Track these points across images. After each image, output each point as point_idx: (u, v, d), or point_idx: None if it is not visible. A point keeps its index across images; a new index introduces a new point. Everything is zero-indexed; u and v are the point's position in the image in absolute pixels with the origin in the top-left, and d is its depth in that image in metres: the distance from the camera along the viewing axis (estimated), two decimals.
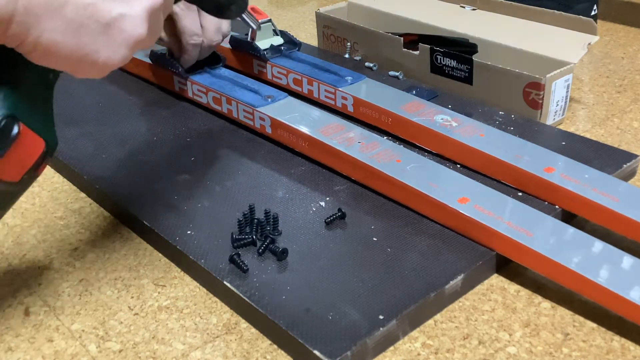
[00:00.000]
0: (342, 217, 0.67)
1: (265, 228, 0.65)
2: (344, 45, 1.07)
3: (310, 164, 0.77)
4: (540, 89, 0.84)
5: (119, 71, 1.03)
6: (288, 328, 0.54)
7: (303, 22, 1.37)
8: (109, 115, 0.91)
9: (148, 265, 0.66)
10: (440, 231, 0.65)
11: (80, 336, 0.58)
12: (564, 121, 0.91)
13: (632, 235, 0.64)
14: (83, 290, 0.63)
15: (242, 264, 0.60)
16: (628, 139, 0.86)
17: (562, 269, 0.58)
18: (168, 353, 0.56)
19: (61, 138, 0.85)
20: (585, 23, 0.92)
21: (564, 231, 0.62)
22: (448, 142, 0.76)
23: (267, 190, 0.73)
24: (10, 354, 0.56)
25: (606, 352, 0.54)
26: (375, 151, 0.73)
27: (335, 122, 0.79)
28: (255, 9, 0.96)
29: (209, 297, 0.62)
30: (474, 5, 1.06)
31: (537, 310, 0.59)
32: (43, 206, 0.76)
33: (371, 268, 0.61)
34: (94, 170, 0.77)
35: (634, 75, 1.06)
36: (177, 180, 0.75)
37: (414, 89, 0.91)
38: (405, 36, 1.01)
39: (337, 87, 0.86)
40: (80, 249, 0.68)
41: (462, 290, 0.60)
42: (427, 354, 0.55)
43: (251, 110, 0.82)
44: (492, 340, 0.56)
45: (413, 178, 0.69)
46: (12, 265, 0.67)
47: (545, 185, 0.69)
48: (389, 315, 0.55)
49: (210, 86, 0.87)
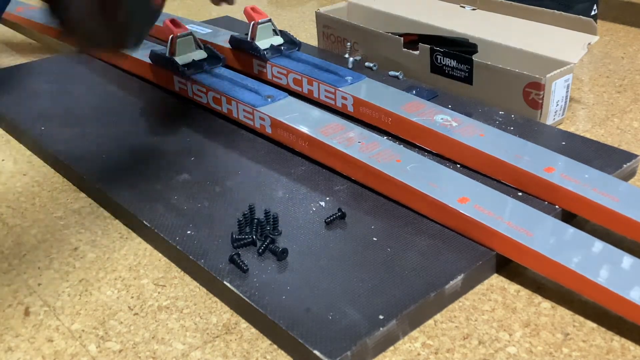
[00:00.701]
0: (342, 217, 0.67)
1: (265, 228, 0.65)
2: (344, 45, 1.07)
3: (310, 164, 0.77)
4: (540, 88, 0.84)
5: (119, 71, 1.03)
6: (288, 328, 0.54)
7: (303, 22, 1.37)
8: (109, 115, 0.91)
9: (148, 265, 0.66)
10: (440, 231, 0.65)
11: (80, 336, 0.58)
12: (564, 121, 0.91)
13: (632, 235, 0.64)
14: (83, 290, 0.63)
15: (242, 264, 0.60)
16: (628, 139, 0.86)
17: (562, 269, 0.58)
18: (168, 353, 0.56)
19: (61, 138, 0.86)
20: (585, 23, 0.92)
21: (564, 231, 0.62)
22: (448, 142, 0.76)
23: (267, 190, 0.73)
24: (10, 354, 0.56)
25: (606, 352, 0.54)
26: (375, 151, 0.73)
27: (335, 122, 0.79)
28: (255, 8, 0.96)
29: (209, 297, 0.62)
30: (474, 5, 1.06)
31: (537, 310, 0.59)
32: (43, 206, 0.76)
33: (371, 268, 0.61)
34: (94, 170, 0.77)
35: (634, 75, 1.06)
36: (177, 180, 0.75)
37: (414, 89, 0.91)
38: (405, 36, 1.01)
39: (337, 87, 0.86)
40: (80, 249, 0.68)
41: (462, 290, 0.60)
42: (427, 354, 0.55)
43: (251, 110, 0.82)
44: (492, 340, 0.56)
45: (413, 178, 0.69)
46: (12, 265, 0.67)
47: (545, 185, 0.69)
48: (389, 315, 0.55)
49: (210, 86, 0.87)
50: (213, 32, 1.07)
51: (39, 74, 1.05)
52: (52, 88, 1.00)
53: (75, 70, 1.06)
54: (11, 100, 0.96)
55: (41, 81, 1.02)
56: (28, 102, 0.96)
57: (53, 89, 0.99)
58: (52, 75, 1.04)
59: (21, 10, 1.28)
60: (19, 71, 1.07)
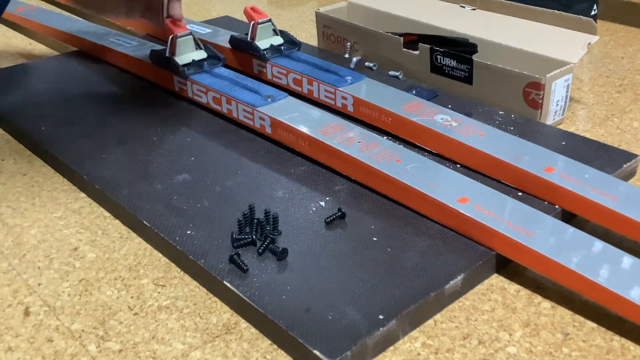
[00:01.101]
0: (342, 217, 0.67)
1: (265, 228, 0.65)
2: (344, 45, 1.07)
3: (310, 163, 0.77)
4: (540, 88, 0.84)
5: (119, 71, 1.03)
6: (288, 328, 0.54)
7: (303, 22, 1.37)
8: (109, 115, 0.91)
9: (148, 265, 0.66)
10: (440, 231, 0.65)
11: (80, 336, 0.58)
12: (564, 121, 0.91)
13: (632, 235, 0.64)
14: (83, 290, 0.63)
15: (242, 264, 0.60)
16: (628, 138, 0.86)
17: (562, 269, 0.58)
18: (168, 353, 0.56)
19: (61, 138, 0.86)
20: (585, 23, 0.92)
21: (564, 231, 0.62)
22: (448, 142, 0.76)
23: (267, 190, 0.73)
24: (10, 354, 0.56)
25: (606, 352, 0.54)
26: (375, 151, 0.73)
27: (335, 122, 0.79)
28: (255, 8, 0.96)
29: (209, 297, 0.62)
30: (474, 5, 1.06)
31: (537, 310, 0.59)
32: (43, 206, 0.76)
33: (371, 268, 0.61)
34: (94, 170, 0.77)
35: (634, 75, 1.06)
36: (177, 180, 0.75)
37: (414, 89, 0.91)
38: (405, 36, 1.01)
39: (337, 87, 0.87)
40: (80, 249, 0.68)
41: (462, 290, 0.60)
42: (427, 354, 0.55)
43: (251, 110, 0.82)
44: (492, 340, 0.56)
45: (413, 178, 0.69)
46: (12, 265, 0.67)
47: (545, 185, 0.69)
48: (389, 315, 0.55)
49: (210, 86, 0.87)
50: (213, 32, 1.07)
51: (39, 74, 1.05)
52: (52, 88, 1.00)
53: (75, 70, 1.06)
54: (11, 100, 0.96)
55: (41, 81, 1.02)
56: (28, 102, 0.96)
57: (53, 89, 0.99)
58: (52, 75, 1.04)
59: (21, 10, 1.28)
60: (19, 71, 1.07)
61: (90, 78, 1.03)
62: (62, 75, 1.04)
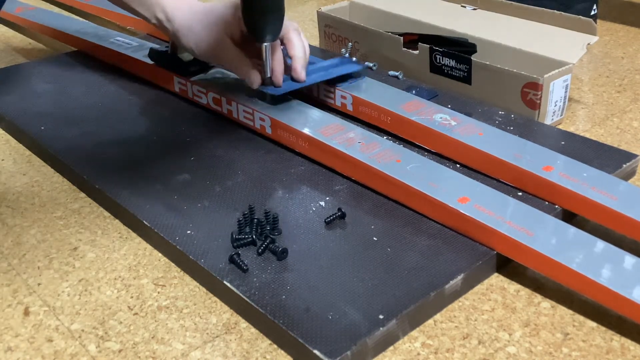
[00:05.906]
0: (342, 217, 0.67)
1: (265, 228, 0.65)
2: (345, 44, 1.07)
3: (310, 163, 0.77)
4: (537, 89, 0.84)
5: (119, 71, 1.03)
6: (288, 328, 0.54)
7: (304, 21, 1.37)
8: (109, 115, 0.91)
9: (148, 265, 0.66)
10: (440, 231, 0.65)
11: (80, 336, 0.58)
12: (563, 121, 0.91)
13: (632, 235, 0.64)
14: (82, 290, 0.63)
15: (242, 263, 0.60)
16: (628, 138, 0.86)
17: (563, 269, 0.57)
18: (168, 353, 0.56)
19: (61, 138, 0.86)
20: (585, 23, 0.92)
21: (565, 231, 0.62)
22: (447, 141, 0.76)
23: (267, 190, 0.73)
24: (10, 354, 0.56)
25: (606, 352, 0.54)
26: (375, 151, 0.73)
27: (335, 122, 0.79)
28: None
29: (209, 297, 0.62)
30: (474, 5, 1.06)
31: (537, 310, 0.59)
32: (43, 206, 0.76)
33: (371, 268, 0.61)
34: (94, 170, 0.77)
35: (633, 75, 1.06)
36: (177, 180, 0.75)
37: (414, 89, 0.91)
38: (405, 36, 1.01)
39: (337, 86, 0.86)
40: (79, 249, 0.68)
41: (462, 290, 0.60)
42: (427, 354, 0.55)
43: (251, 110, 0.82)
44: (492, 340, 0.56)
45: (413, 178, 0.69)
46: (12, 265, 0.67)
47: (545, 184, 0.69)
48: (389, 315, 0.55)
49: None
50: None
51: (39, 74, 1.05)
52: (52, 88, 1.00)
53: (75, 70, 1.06)
54: (11, 100, 0.96)
55: (41, 81, 1.02)
56: (28, 102, 0.96)
57: (53, 89, 0.99)
58: (52, 75, 1.04)
59: (21, 10, 1.28)
60: (19, 71, 1.07)
61: (90, 78, 1.02)
62: (62, 75, 1.04)
